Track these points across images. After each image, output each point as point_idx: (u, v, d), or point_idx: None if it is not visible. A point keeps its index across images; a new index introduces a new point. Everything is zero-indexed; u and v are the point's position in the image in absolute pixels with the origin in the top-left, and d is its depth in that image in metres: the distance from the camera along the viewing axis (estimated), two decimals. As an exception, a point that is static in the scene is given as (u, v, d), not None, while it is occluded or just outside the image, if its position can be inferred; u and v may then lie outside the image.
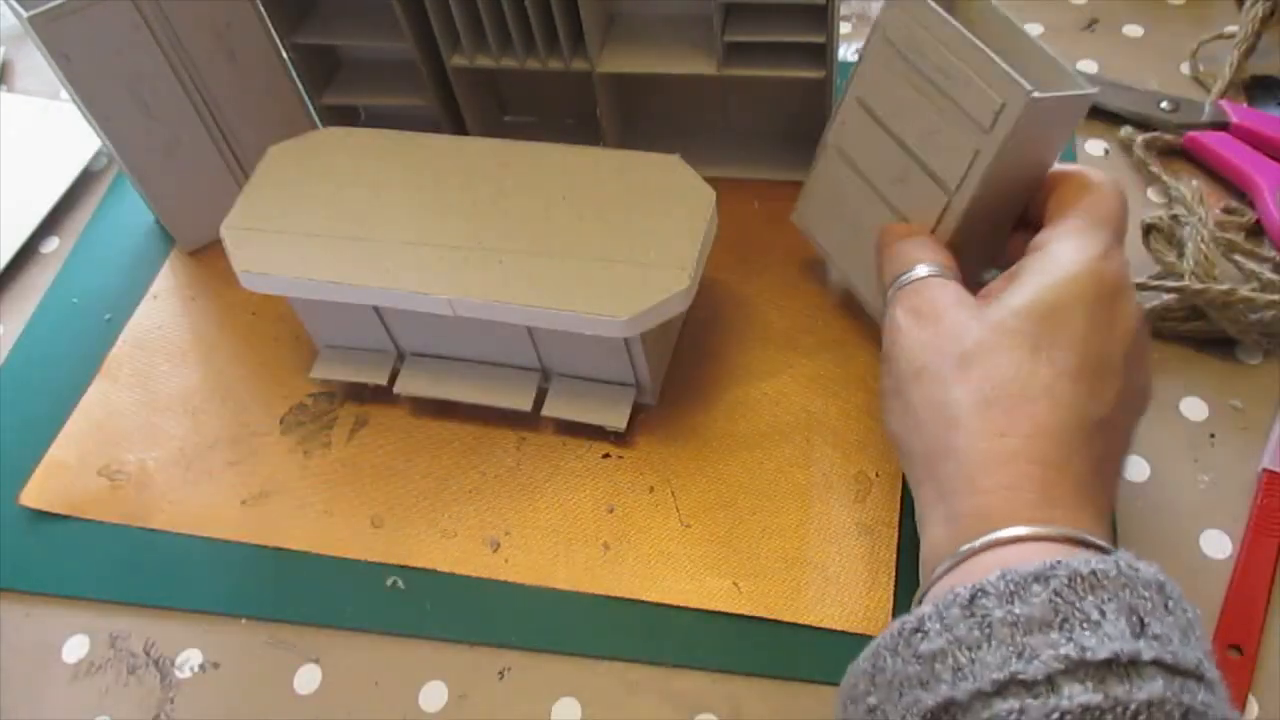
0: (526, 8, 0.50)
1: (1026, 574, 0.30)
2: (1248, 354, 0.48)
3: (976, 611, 0.30)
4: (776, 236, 0.54)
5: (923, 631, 0.30)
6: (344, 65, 0.59)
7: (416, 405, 0.51)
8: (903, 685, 0.30)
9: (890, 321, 0.39)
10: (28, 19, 0.47)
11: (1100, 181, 0.40)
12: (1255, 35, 0.57)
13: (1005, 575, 0.30)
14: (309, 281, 0.45)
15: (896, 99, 0.43)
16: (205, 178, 0.56)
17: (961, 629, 0.30)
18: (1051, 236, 0.38)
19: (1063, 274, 0.36)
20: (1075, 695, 0.27)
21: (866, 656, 0.32)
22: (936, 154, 0.42)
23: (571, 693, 0.42)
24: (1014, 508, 0.33)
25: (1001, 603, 0.29)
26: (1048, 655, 0.28)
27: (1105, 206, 0.38)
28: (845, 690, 0.33)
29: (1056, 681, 0.28)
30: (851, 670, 0.33)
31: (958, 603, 0.30)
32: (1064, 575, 0.29)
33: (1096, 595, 0.29)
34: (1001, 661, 0.28)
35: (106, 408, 0.53)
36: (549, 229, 0.45)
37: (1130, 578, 0.30)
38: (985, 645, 0.29)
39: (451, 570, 0.46)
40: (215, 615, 0.46)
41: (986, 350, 0.35)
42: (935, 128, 0.41)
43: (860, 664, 0.33)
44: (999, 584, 0.30)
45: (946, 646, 0.30)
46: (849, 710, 0.33)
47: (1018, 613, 0.29)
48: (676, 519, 0.46)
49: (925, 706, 0.29)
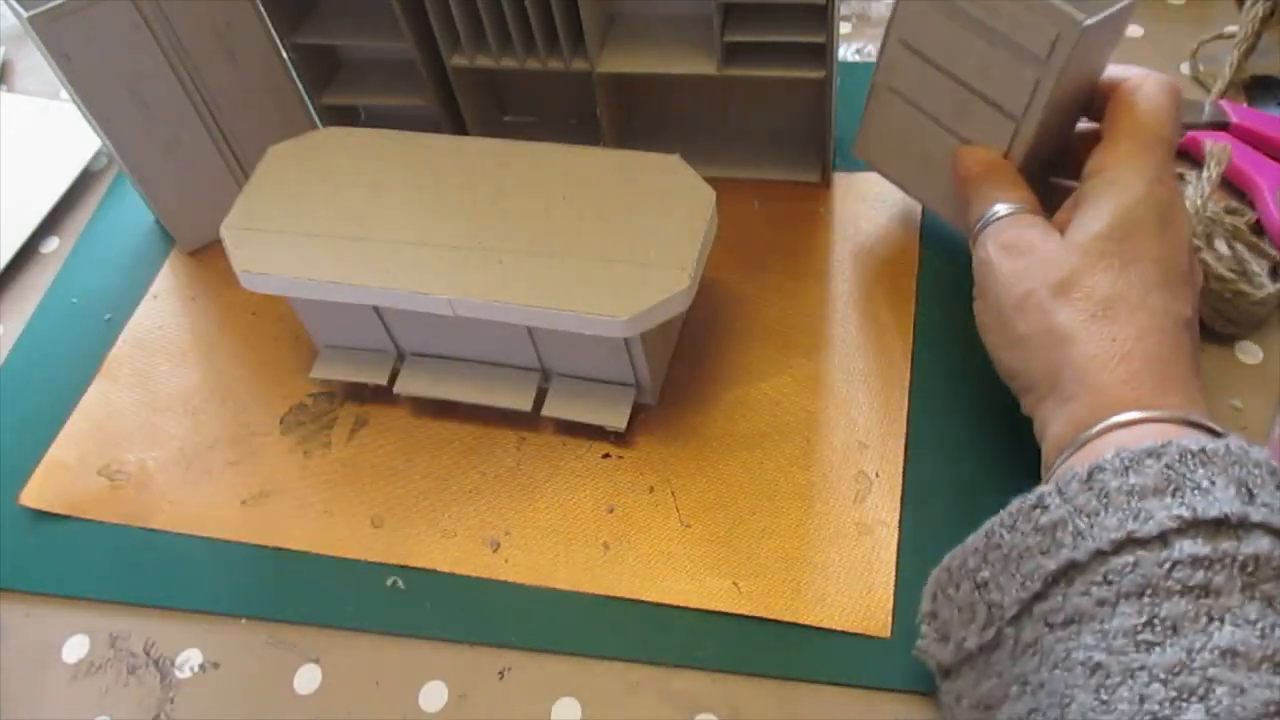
0: (526, 8, 0.50)
1: (1140, 450, 0.32)
2: (1247, 354, 0.48)
3: (1094, 484, 0.32)
4: (776, 236, 0.54)
5: (1042, 507, 0.33)
6: (344, 65, 0.59)
7: (416, 405, 0.51)
8: (1021, 556, 0.33)
9: (982, 259, 0.41)
10: (28, 19, 0.47)
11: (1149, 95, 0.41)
12: (1255, 35, 0.57)
13: (1120, 453, 0.33)
14: (309, 281, 0.45)
15: (945, 38, 0.44)
16: (205, 178, 0.56)
17: (1081, 499, 0.32)
18: (1109, 162, 0.40)
19: (1130, 199, 0.39)
20: (1185, 548, 0.30)
21: (978, 537, 0.35)
22: (996, 86, 0.43)
23: (571, 693, 0.42)
24: (1135, 395, 0.35)
25: (1117, 475, 0.32)
26: (1161, 515, 0.31)
27: (1155, 121, 0.40)
28: (946, 574, 0.37)
29: (1169, 538, 0.30)
30: (957, 553, 0.36)
31: (1076, 478, 0.33)
32: (1175, 451, 0.32)
33: (1207, 468, 0.32)
34: (1119, 524, 0.31)
35: (106, 408, 0.53)
36: (549, 229, 0.45)
37: (1240, 456, 0.32)
38: (1103, 512, 0.32)
39: (451, 570, 0.46)
40: (215, 615, 0.46)
41: (1082, 273, 0.38)
42: (990, 61, 0.43)
43: (970, 543, 0.36)
44: (1115, 460, 0.32)
45: (1067, 516, 0.32)
46: (947, 594, 0.36)
47: (1133, 482, 0.32)
48: (676, 519, 0.46)
49: (1047, 570, 0.32)
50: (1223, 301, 0.47)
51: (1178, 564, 0.30)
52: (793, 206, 0.55)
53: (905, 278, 0.52)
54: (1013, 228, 0.41)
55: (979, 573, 0.35)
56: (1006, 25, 0.41)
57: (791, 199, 0.55)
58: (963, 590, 0.35)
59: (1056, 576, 0.32)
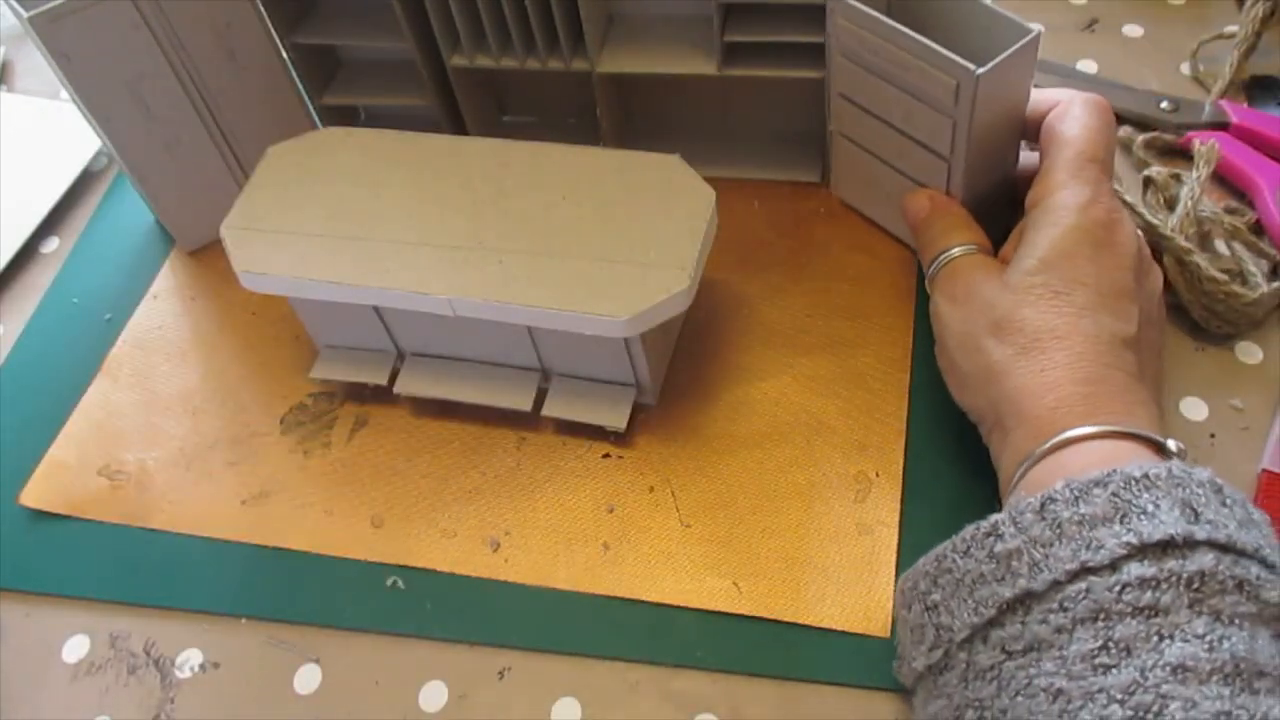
0: (526, 8, 0.50)
1: (1088, 480, 0.34)
2: (1247, 354, 0.48)
3: (1047, 515, 0.33)
4: (776, 236, 0.54)
5: (997, 535, 0.34)
6: (344, 65, 0.59)
7: (416, 405, 0.51)
8: (975, 582, 0.34)
9: (932, 311, 0.44)
10: (28, 19, 0.47)
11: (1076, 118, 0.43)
12: (1255, 35, 0.57)
13: (1070, 483, 0.34)
14: (309, 281, 0.45)
15: (870, 92, 0.47)
16: (205, 178, 0.56)
17: (1036, 530, 0.33)
18: (1041, 194, 0.42)
19: (1060, 230, 0.40)
20: (1133, 570, 0.31)
21: (929, 559, 0.37)
22: (923, 131, 0.46)
23: (571, 693, 0.42)
24: (1063, 420, 0.37)
25: (1068, 505, 0.33)
26: (1111, 544, 0.32)
27: (1084, 143, 0.42)
28: (900, 595, 0.38)
29: (1119, 564, 0.32)
30: (910, 574, 0.38)
31: (1030, 509, 0.34)
32: (1120, 479, 0.33)
33: (1151, 492, 0.33)
34: (1072, 554, 0.32)
35: (106, 408, 0.53)
36: (549, 229, 0.45)
37: (1183, 478, 0.33)
38: (1057, 542, 0.33)
39: (451, 570, 0.46)
40: (215, 615, 0.46)
41: (1012, 310, 0.40)
42: (912, 110, 0.45)
43: (921, 566, 0.37)
44: (1065, 491, 0.34)
45: (1022, 546, 0.33)
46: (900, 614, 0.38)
47: (1083, 512, 0.33)
48: (676, 519, 0.46)
49: (1003, 598, 0.33)
50: (1216, 303, 0.47)
51: (1127, 586, 0.31)
52: (793, 206, 0.55)
53: (905, 278, 0.52)
54: (957, 272, 0.43)
55: (929, 595, 0.36)
56: (915, 79, 0.44)
57: (791, 199, 0.55)
58: (914, 611, 0.37)
59: (1012, 604, 0.33)
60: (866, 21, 0.44)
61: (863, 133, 0.49)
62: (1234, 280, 0.46)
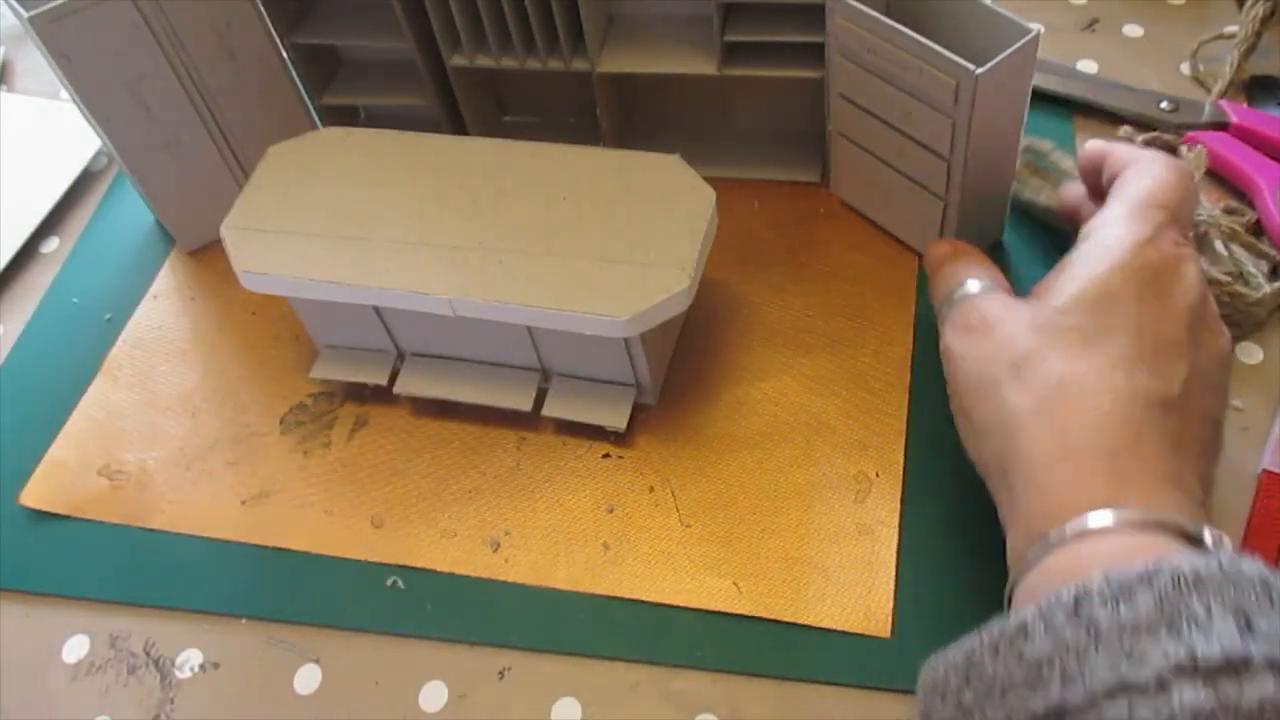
0: (526, 8, 0.50)
1: (1130, 576, 0.29)
2: (1248, 354, 0.48)
3: (1082, 616, 0.29)
4: (776, 236, 0.54)
5: (1026, 635, 0.30)
6: (344, 65, 0.59)
7: (416, 405, 0.51)
8: (1005, 688, 0.30)
9: (944, 342, 0.40)
10: (28, 19, 0.47)
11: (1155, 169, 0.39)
12: (1255, 35, 0.57)
13: (1109, 577, 0.29)
14: (309, 281, 0.45)
15: (870, 92, 0.47)
16: (205, 178, 0.56)
17: (1068, 633, 0.29)
18: (1096, 225, 0.38)
19: (1107, 262, 0.36)
20: (1185, 698, 0.27)
21: (959, 651, 0.32)
22: (922, 131, 0.46)
23: (571, 693, 0.42)
24: (1080, 499, 0.32)
25: (1106, 606, 0.29)
26: (1157, 659, 0.27)
27: (1157, 189, 0.38)
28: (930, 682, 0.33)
29: (1167, 683, 0.27)
30: (939, 662, 0.33)
31: (1062, 607, 0.30)
32: (1168, 577, 0.29)
33: (1201, 595, 0.28)
34: (1111, 666, 0.28)
35: (106, 408, 0.53)
36: (549, 229, 0.45)
37: (1235, 575, 0.29)
38: (1094, 650, 0.29)
39: (451, 570, 0.46)
40: (215, 615, 0.46)
41: (1038, 354, 0.35)
42: (912, 109, 0.45)
43: (951, 657, 0.32)
44: (1103, 588, 0.29)
45: (1054, 651, 0.29)
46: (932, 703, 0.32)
47: (1125, 617, 0.29)
48: (676, 519, 0.46)
49: (1034, 710, 0.29)
50: (1220, 305, 0.47)
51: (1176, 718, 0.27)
52: (793, 206, 0.55)
53: (905, 278, 0.52)
54: (975, 306, 0.39)
55: (961, 694, 0.31)
56: (914, 80, 0.44)
57: (791, 199, 0.55)
58: (948, 705, 0.32)
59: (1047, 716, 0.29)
60: (866, 21, 0.44)
61: (862, 133, 0.49)
62: (1235, 281, 0.46)
